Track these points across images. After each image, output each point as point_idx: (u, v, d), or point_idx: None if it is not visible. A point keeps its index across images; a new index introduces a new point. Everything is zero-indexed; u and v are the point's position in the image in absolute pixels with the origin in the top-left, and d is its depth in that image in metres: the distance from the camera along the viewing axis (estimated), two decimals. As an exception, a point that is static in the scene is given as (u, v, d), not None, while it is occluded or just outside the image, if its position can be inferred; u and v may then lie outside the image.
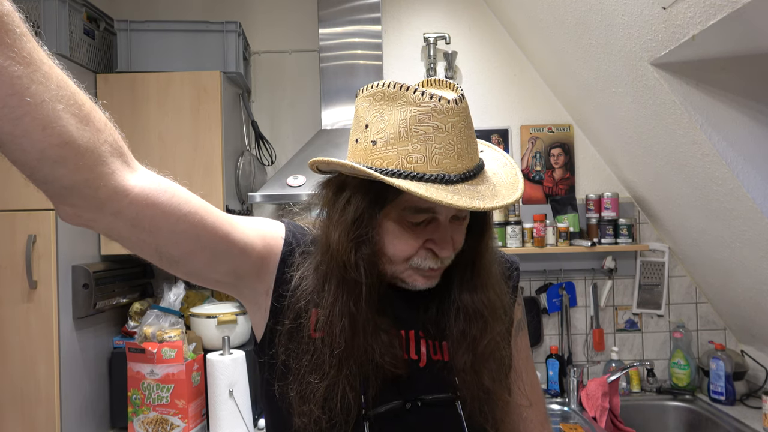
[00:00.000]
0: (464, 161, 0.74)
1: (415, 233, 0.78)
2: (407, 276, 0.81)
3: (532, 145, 2.49)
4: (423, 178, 0.72)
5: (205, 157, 2.08)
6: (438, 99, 0.72)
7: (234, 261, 0.77)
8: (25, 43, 0.49)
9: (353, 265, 0.77)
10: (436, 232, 0.78)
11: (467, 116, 0.75)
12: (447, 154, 0.73)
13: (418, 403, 0.81)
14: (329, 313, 0.78)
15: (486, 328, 0.82)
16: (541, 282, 2.46)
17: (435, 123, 0.72)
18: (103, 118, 0.59)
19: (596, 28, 1.74)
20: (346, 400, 0.76)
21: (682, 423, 2.23)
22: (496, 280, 0.87)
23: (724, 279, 2.15)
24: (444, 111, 0.72)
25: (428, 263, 0.79)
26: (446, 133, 0.73)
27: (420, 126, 0.73)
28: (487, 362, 0.82)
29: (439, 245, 0.78)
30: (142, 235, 0.65)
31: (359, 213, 0.77)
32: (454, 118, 0.73)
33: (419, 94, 0.73)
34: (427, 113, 0.72)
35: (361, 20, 2.31)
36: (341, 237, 0.77)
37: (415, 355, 0.84)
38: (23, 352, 1.80)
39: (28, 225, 1.80)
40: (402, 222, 0.78)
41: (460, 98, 0.74)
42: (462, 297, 0.83)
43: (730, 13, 1.21)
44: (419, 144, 0.73)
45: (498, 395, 0.83)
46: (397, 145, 0.73)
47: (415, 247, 0.79)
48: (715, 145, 1.60)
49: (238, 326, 2.05)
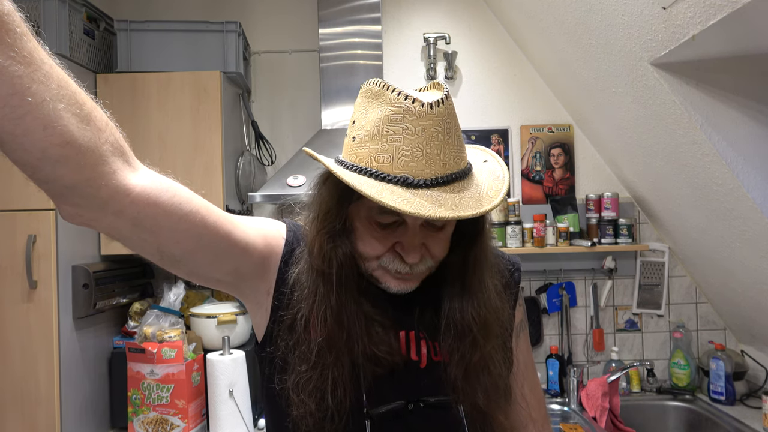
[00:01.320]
0: (433, 167, 0.72)
1: (384, 234, 0.78)
2: (379, 276, 0.80)
3: (532, 145, 2.49)
4: (385, 179, 0.72)
5: (205, 157, 2.07)
6: (412, 101, 0.71)
7: (235, 260, 0.77)
8: (26, 43, 0.49)
9: (325, 257, 0.78)
10: (404, 235, 0.77)
11: (445, 122, 0.73)
12: (414, 158, 0.72)
13: (420, 404, 0.81)
14: (312, 304, 0.79)
15: (476, 344, 0.81)
16: (541, 282, 2.46)
17: (405, 125, 0.72)
18: (104, 118, 0.59)
19: (596, 28, 1.74)
20: (336, 392, 0.76)
21: (682, 423, 2.23)
22: (490, 293, 0.84)
23: (724, 279, 2.15)
24: (416, 113, 0.71)
25: (396, 266, 0.78)
26: (415, 136, 0.71)
27: (391, 126, 0.72)
28: (479, 377, 0.81)
29: (406, 250, 0.77)
30: (144, 234, 0.65)
31: (329, 207, 0.79)
32: (426, 122, 0.71)
33: (396, 94, 0.72)
34: (399, 114, 0.72)
35: (361, 20, 2.31)
36: (313, 229, 0.80)
37: (415, 356, 0.83)
38: (23, 352, 1.80)
39: (28, 225, 1.80)
40: (371, 221, 0.78)
41: (438, 103, 0.72)
42: (451, 311, 0.82)
43: (730, 13, 1.21)
44: (388, 144, 0.72)
45: (491, 410, 0.81)
46: (370, 143, 0.74)
47: (382, 249, 0.78)
48: (715, 145, 1.60)
49: (238, 326, 2.05)
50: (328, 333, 0.77)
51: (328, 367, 0.77)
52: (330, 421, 0.77)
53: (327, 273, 0.78)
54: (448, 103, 0.74)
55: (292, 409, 0.78)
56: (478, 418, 0.82)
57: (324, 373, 0.77)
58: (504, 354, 0.86)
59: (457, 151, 0.75)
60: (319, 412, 0.76)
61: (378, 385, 0.80)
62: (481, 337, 0.81)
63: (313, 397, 0.76)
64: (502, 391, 0.84)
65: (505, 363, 0.86)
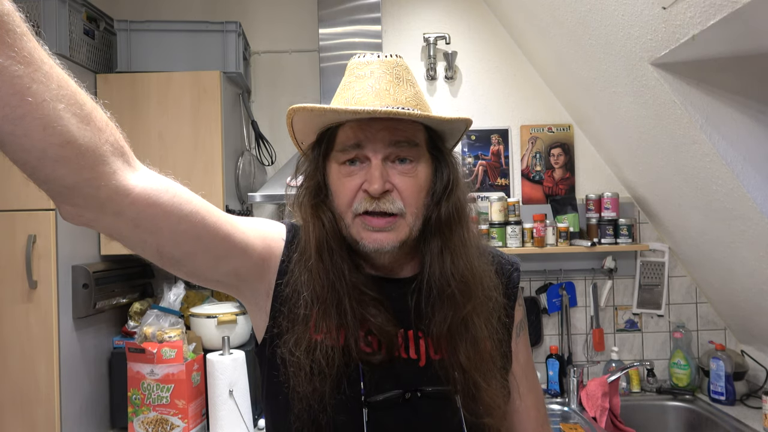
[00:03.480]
0: (384, 100, 0.80)
1: (351, 177, 0.81)
2: (356, 233, 0.82)
3: (532, 145, 2.49)
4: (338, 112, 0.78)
5: (205, 157, 2.07)
6: (363, 55, 0.85)
7: (235, 262, 0.77)
8: (26, 43, 0.49)
9: (318, 218, 0.83)
10: (369, 172, 0.80)
11: (394, 68, 0.83)
12: (364, 93, 0.81)
13: (418, 393, 0.82)
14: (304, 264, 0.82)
15: (454, 302, 0.82)
16: (541, 282, 2.46)
17: (358, 72, 0.84)
18: (104, 118, 0.59)
19: (596, 28, 1.74)
20: (325, 346, 0.78)
21: (682, 423, 2.23)
22: (472, 253, 0.86)
23: (724, 279, 2.15)
24: (366, 62, 0.84)
25: (364, 205, 0.80)
26: (365, 78, 0.82)
27: (346, 78, 0.85)
28: (460, 338, 0.82)
29: (369, 181, 0.79)
30: (144, 234, 0.65)
31: (311, 164, 0.86)
32: (374, 67, 0.83)
33: (357, 57, 0.86)
34: (353, 66, 0.85)
35: (361, 20, 2.31)
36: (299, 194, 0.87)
37: (414, 354, 0.84)
38: (23, 352, 1.80)
39: (28, 225, 1.80)
40: (340, 167, 0.83)
41: (387, 56, 0.84)
42: (431, 269, 0.83)
43: (730, 13, 1.21)
44: (345, 91, 0.84)
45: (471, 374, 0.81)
46: (338, 97, 0.85)
47: (353, 189, 0.81)
48: (715, 145, 1.60)
49: (238, 326, 2.05)
50: (314, 286, 0.80)
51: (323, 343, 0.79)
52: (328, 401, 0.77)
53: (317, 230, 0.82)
54: (399, 59, 0.85)
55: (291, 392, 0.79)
56: (476, 408, 0.82)
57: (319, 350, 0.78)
58: (488, 323, 0.86)
59: (413, 96, 0.83)
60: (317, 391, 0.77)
61: (376, 378, 0.80)
62: (460, 294, 0.82)
63: (305, 353, 0.78)
64: (486, 358, 0.84)
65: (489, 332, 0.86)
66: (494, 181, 2.49)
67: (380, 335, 0.81)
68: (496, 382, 0.85)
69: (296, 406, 0.78)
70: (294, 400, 0.79)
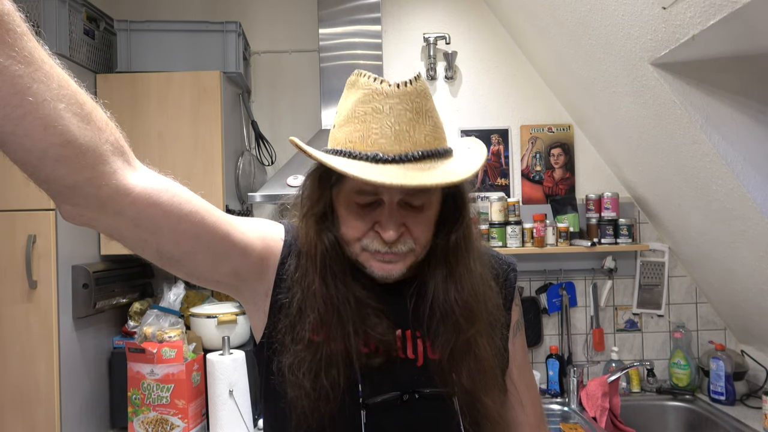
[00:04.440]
0: (404, 144, 0.74)
1: (363, 215, 0.79)
2: (364, 260, 0.81)
3: (532, 145, 2.49)
4: (356, 157, 0.74)
5: (205, 157, 2.07)
6: (380, 82, 0.75)
7: (234, 261, 0.77)
8: (26, 43, 0.49)
9: (311, 241, 0.81)
10: (382, 214, 0.78)
11: (414, 101, 0.75)
12: (383, 134, 0.74)
13: (416, 395, 0.82)
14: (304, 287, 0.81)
15: (458, 328, 0.81)
16: (541, 282, 2.46)
17: (374, 104, 0.74)
18: (104, 118, 0.59)
19: (596, 28, 1.74)
20: (330, 372, 0.77)
21: (682, 423, 2.23)
22: (476, 278, 0.84)
23: (724, 279, 2.15)
24: (383, 93, 0.74)
25: (376, 245, 0.79)
26: (383, 115, 0.74)
27: (361, 107, 0.75)
28: (464, 360, 0.82)
29: (383, 228, 0.78)
30: (144, 234, 0.65)
31: (311, 191, 0.83)
32: (393, 100, 0.74)
33: (368, 78, 0.76)
34: (369, 95, 0.75)
35: (361, 20, 2.31)
36: (301, 214, 0.83)
37: (412, 354, 0.84)
38: (23, 352, 1.80)
39: (28, 225, 1.80)
40: (350, 203, 0.80)
41: (406, 83, 0.75)
42: (435, 295, 0.83)
43: (730, 13, 1.21)
44: (359, 124, 0.75)
45: (478, 394, 0.82)
46: (345, 127, 0.77)
47: (363, 229, 0.79)
48: (715, 145, 1.60)
49: (238, 326, 2.05)
50: (318, 312, 0.79)
51: (321, 346, 0.78)
52: (325, 401, 0.77)
53: (313, 256, 0.80)
54: (418, 84, 0.76)
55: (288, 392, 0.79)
56: (473, 410, 0.82)
57: (317, 352, 0.78)
58: (492, 341, 0.86)
59: (431, 131, 0.76)
60: (314, 391, 0.77)
61: (374, 379, 0.80)
62: (464, 320, 0.82)
63: (308, 376, 0.77)
64: (490, 376, 0.84)
65: (493, 350, 0.86)
66: (494, 181, 2.49)
67: (379, 344, 0.81)
68: (498, 394, 0.86)
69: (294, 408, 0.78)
70: (292, 400, 0.78)
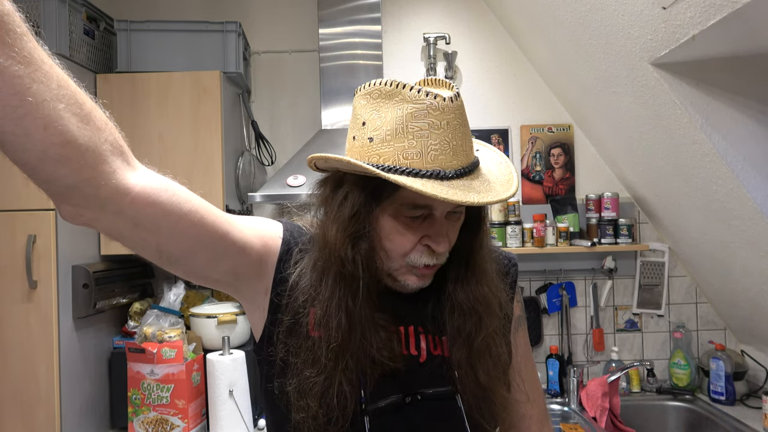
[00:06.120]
0: (459, 158, 0.75)
1: (412, 229, 0.79)
2: (401, 273, 0.81)
3: (532, 145, 2.49)
4: (419, 174, 0.73)
5: (205, 157, 2.07)
6: (434, 96, 0.73)
7: (233, 260, 0.77)
8: (26, 43, 0.49)
9: (350, 260, 0.77)
10: (432, 227, 0.79)
11: (462, 114, 0.76)
12: (442, 151, 0.74)
13: (418, 396, 0.82)
14: (326, 308, 0.78)
15: (480, 323, 0.83)
16: (541, 282, 2.46)
17: (431, 120, 0.73)
18: (104, 117, 0.59)
19: (596, 28, 1.74)
20: (342, 394, 0.77)
21: (682, 423, 2.23)
22: (491, 276, 0.87)
23: (724, 279, 2.15)
24: (440, 108, 0.73)
25: (424, 260, 0.80)
26: (441, 130, 0.74)
27: (416, 123, 0.74)
28: (483, 358, 0.83)
29: (435, 240, 0.79)
30: (143, 233, 0.65)
31: (356, 208, 0.77)
32: (449, 116, 0.74)
33: (415, 91, 0.74)
34: (423, 110, 0.73)
35: (361, 20, 2.31)
36: (338, 232, 0.78)
37: (415, 350, 0.84)
38: (23, 352, 1.80)
39: (28, 225, 1.80)
40: (399, 218, 0.79)
41: (456, 96, 0.75)
42: (456, 293, 0.84)
43: (730, 13, 1.21)
44: (415, 140, 0.74)
45: (494, 391, 0.84)
46: (394, 142, 0.74)
47: (413, 242, 0.79)
48: (715, 145, 1.60)
49: (238, 326, 2.05)
50: (342, 337, 0.77)
51: (336, 372, 0.77)
52: (334, 424, 0.77)
53: (353, 277, 0.78)
54: (460, 96, 0.78)
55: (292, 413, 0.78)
56: (481, 406, 0.83)
57: (331, 378, 0.77)
58: (504, 338, 0.89)
59: (470, 141, 0.79)
60: (324, 416, 0.76)
61: (377, 378, 0.80)
62: (486, 316, 0.84)
63: (318, 401, 0.76)
64: (501, 372, 0.86)
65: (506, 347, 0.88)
66: (494, 181, 2.49)
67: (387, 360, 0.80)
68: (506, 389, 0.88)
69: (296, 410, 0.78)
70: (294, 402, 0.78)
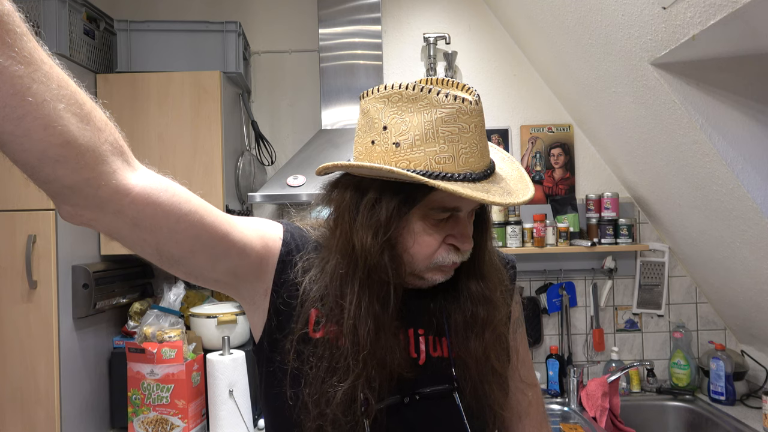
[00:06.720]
0: (485, 159, 0.78)
1: (437, 230, 0.80)
2: (426, 272, 0.82)
3: (532, 145, 2.49)
4: (453, 178, 0.74)
5: (205, 157, 2.07)
6: (462, 100, 0.74)
7: (233, 261, 0.77)
8: (26, 43, 0.49)
9: (383, 266, 0.77)
10: (456, 227, 0.80)
11: (483, 115, 0.79)
12: (472, 153, 0.76)
13: (416, 396, 0.82)
14: (354, 316, 0.77)
15: (483, 321, 0.85)
16: (541, 282, 2.46)
17: (461, 124, 0.75)
18: (104, 118, 0.59)
19: (596, 28, 1.74)
20: (366, 401, 0.78)
21: (682, 423, 2.23)
22: (497, 268, 0.91)
23: (724, 279, 2.15)
24: (468, 112, 0.75)
25: (452, 257, 0.81)
26: (470, 134, 0.75)
27: (446, 127, 0.74)
28: (483, 356, 0.85)
29: (461, 240, 0.80)
30: (143, 234, 0.65)
31: (390, 213, 0.77)
32: (476, 119, 0.76)
33: (443, 96, 0.74)
34: (453, 114, 0.74)
35: (361, 20, 2.31)
36: (371, 239, 0.77)
37: (414, 353, 0.84)
38: (23, 352, 1.80)
39: (28, 225, 1.80)
40: (427, 220, 0.80)
41: (479, 98, 0.77)
42: (469, 285, 0.86)
43: (730, 13, 1.21)
44: (446, 145, 0.74)
45: (493, 389, 0.85)
46: (425, 147, 0.74)
47: (437, 244, 0.80)
48: (715, 145, 1.60)
49: (238, 326, 2.05)
50: (371, 345, 0.76)
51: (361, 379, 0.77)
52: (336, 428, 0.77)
53: (383, 283, 0.78)
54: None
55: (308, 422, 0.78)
56: (481, 405, 0.83)
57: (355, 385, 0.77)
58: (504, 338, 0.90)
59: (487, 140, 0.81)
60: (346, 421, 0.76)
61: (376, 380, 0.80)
62: (489, 314, 0.86)
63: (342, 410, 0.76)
64: (501, 371, 0.88)
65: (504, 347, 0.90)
66: (494, 181, 2.49)
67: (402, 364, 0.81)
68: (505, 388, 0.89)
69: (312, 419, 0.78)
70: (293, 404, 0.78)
